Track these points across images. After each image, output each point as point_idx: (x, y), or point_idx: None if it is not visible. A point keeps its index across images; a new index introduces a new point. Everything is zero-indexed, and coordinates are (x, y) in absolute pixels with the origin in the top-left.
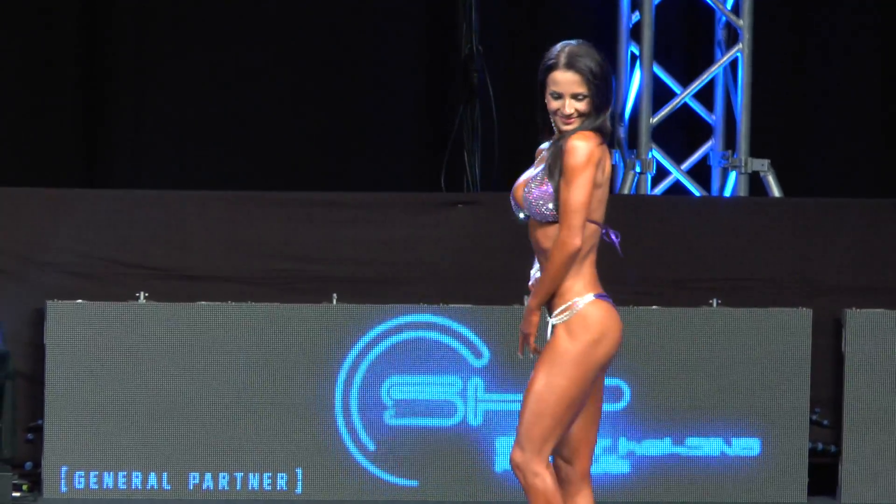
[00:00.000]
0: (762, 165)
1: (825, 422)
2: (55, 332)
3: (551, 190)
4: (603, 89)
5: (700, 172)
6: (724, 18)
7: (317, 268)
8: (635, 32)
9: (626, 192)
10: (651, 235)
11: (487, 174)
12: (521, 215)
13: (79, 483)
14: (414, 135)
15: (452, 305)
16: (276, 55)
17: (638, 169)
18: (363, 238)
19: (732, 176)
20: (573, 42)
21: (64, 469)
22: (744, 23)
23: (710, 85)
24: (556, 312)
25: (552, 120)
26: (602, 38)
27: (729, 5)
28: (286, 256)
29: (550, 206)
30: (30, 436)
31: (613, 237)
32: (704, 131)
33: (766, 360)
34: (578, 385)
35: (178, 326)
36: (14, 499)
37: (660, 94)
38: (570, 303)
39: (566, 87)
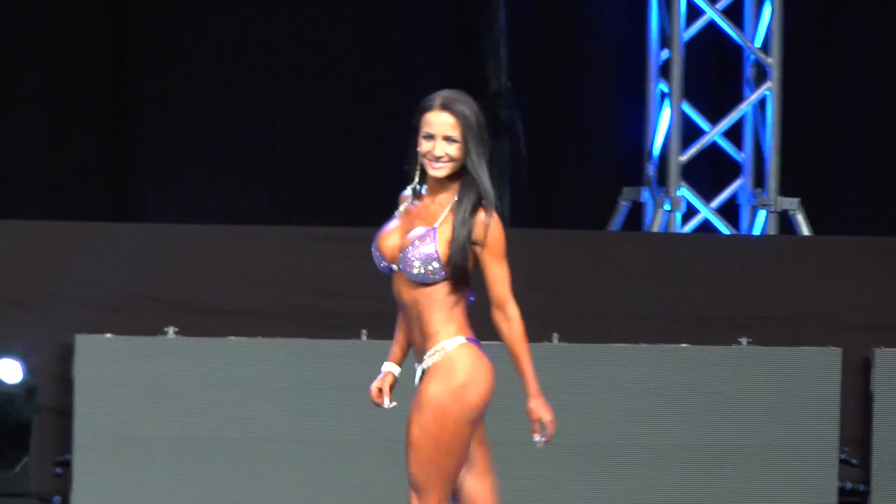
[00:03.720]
0: (792, 204)
1: (854, 461)
2: (84, 366)
3: (435, 252)
4: (477, 139)
5: (729, 210)
6: (752, 56)
7: (346, 303)
8: (664, 70)
9: (655, 229)
10: (680, 273)
11: (518, 210)
12: (383, 265)
13: None
14: None
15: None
16: (302, 92)
17: (667, 207)
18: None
19: (762, 214)
20: (451, 90)
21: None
22: (773, 61)
23: (740, 123)
24: (426, 356)
25: (422, 163)
26: (631, 75)
27: (758, 43)
28: (316, 292)
29: (434, 265)
30: (58, 470)
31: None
32: (733, 169)
33: (795, 399)
34: (452, 430)
35: (207, 361)
36: None
37: (689, 132)
38: (439, 345)
39: (439, 129)
